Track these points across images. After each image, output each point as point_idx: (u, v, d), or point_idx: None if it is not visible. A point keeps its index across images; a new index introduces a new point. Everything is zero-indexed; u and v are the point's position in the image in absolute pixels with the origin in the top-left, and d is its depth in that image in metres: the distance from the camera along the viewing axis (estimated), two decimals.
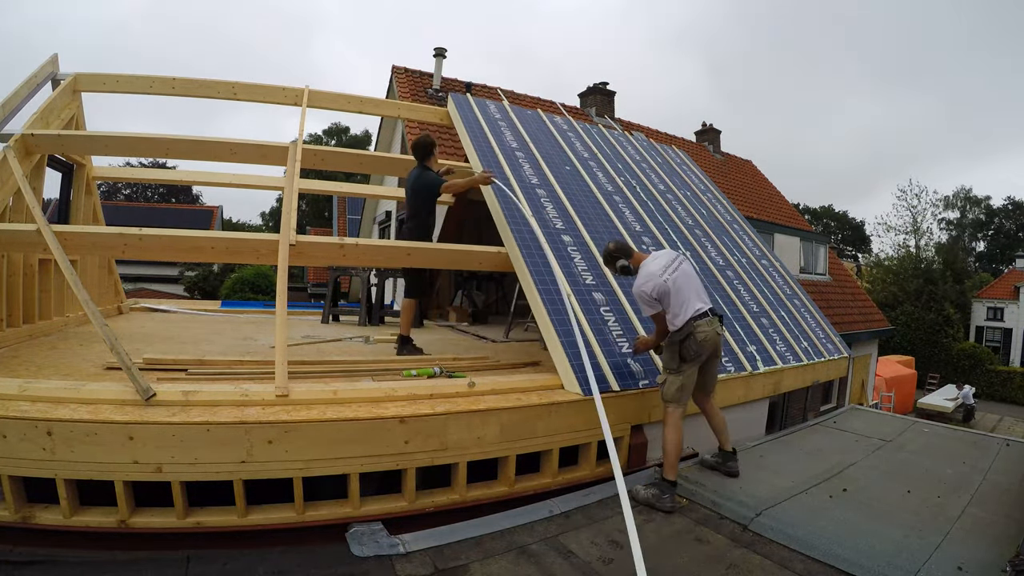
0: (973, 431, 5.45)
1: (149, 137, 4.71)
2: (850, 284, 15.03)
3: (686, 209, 6.79)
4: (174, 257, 4.00)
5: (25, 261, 4.39)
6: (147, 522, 2.46)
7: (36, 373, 3.25)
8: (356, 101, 6.04)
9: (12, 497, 2.36)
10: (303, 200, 32.16)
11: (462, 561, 2.42)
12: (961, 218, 44.79)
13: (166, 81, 5.31)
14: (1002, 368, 25.31)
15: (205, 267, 19.93)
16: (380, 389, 3.04)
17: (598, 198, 5.63)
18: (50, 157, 4.77)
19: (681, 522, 2.93)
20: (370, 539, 2.53)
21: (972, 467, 3.94)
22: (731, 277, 5.82)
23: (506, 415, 3.01)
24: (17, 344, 4.08)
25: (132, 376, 2.61)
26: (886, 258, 32.58)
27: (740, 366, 4.46)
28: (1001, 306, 29.75)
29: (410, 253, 4.08)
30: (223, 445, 2.44)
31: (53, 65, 4.95)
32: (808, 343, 5.68)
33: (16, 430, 2.31)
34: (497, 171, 5.09)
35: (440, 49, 10.16)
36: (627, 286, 4.53)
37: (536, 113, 7.09)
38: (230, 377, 3.41)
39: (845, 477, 3.59)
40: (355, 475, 2.65)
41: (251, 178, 6.68)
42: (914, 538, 2.74)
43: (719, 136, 16.65)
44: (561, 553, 2.53)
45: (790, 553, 2.62)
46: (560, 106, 11.07)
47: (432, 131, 8.38)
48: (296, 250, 3.55)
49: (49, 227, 3.25)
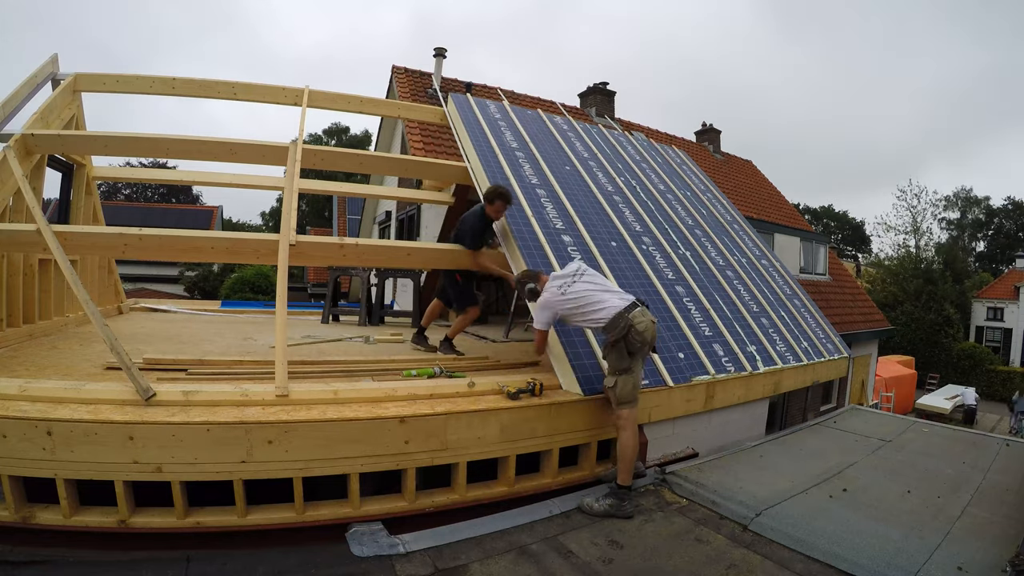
0: (973, 431, 5.45)
1: (149, 137, 4.71)
2: (850, 284, 15.02)
3: (686, 209, 6.79)
4: (174, 257, 4.00)
5: (25, 261, 4.39)
6: (147, 522, 2.46)
7: (36, 373, 3.25)
8: (356, 101, 6.04)
9: (12, 497, 2.36)
10: (303, 200, 32.15)
11: (462, 561, 2.42)
12: (961, 218, 44.82)
13: (166, 81, 5.31)
14: (1002, 368, 25.32)
15: (205, 267, 19.93)
16: (380, 389, 3.04)
17: (598, 198, 5.63)
18: (50, 157, 4.77)
19: (681, 522, 2.93)
20: (370, 539, 2.53)
21: (972, 467, 3.94)
22: (731, 277, 5.82)
23: (506, 415, 3.01)
24: (17, 344, 4.08)
25: (132, 376, 2.61)
26: (886, 258, 32.61)
27: (740, 366, 4.46)
28: (1001, 306, 29.74)
29: (410, 253, 4.09)
30: (223, 445, 2.44)
31: (53, 65, 4.95)
32: (808, 343, 5.68)
33: (16, 430, 2.31)
34: (497, 171, 5.09)
35: (440, 49, 10.14)
36: (627, 285, 4.54)
37: (536, 113, 7.09)
38: (230, 377, 3.41)
39: (845, 477, 3.59)
40: (355, 475, 2.65)
41: (251, 178, 6.68)
42: (914, 538, 2.74)
43: (719, 136, 16.64)
44: (561, 553, 2.53)
45: (790, 553, 2.62)
46: (560, 106, 11.07)
47: (432, 131, 8.40)
48: (296, 250, 3.55)
49: (49, 227, 3.25)
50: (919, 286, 26.69)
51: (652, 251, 5.29)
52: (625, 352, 3.15)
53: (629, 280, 4.62)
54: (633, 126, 13.31)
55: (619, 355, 3.17)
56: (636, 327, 3.10)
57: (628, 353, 3.15)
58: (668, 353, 4.08)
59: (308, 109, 5.45)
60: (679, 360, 4.09)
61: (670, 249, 5.49)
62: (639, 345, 3.14)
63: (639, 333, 3.10)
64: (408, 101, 8.36)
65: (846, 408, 6.05)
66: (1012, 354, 28.15)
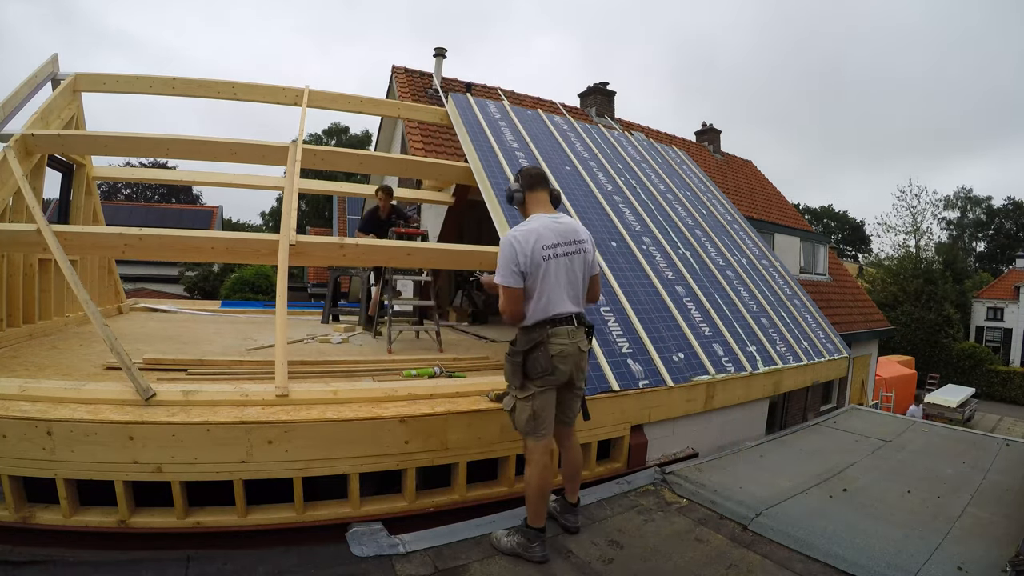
0: (973, 431, 5.44)
1: (149, 137, 4.71)
2: (850, 284, 15.02)
3: (686, 209, 6.79)
4: (174, 257, 4.00)
5: (25, 261, 4.39)
6: (147, 522, 2.46)
7: (36, 373, 3.25)
8: (356, 101, 6.04)
9: (12, 497, 2.36)
10: (303, 200, 32.15)
11: (462, 561, 2.42)
12: (961, 218, 44.85)
13: (166, 81, 5.31)
14: (1002, 368, 25.32)
15: (205, 267, 19.94)
16: (380, 389, 3.04)
17: (598, 198, 5.63)
18: (50, 157, 4.77)
19: (681, 522, 2.93)
20: (370, 539, 2.53)
21: (972, 467, 3.94)
22: (731, 277, 5.82)
23: (506, 415, 3.00)
24: (17, 344, 4.08)
25: (132, 376, 2.61)
26: (886, 258, 32.62)
27: (740, 366, 4.46)
28: (1001, 306, 29.75)
29: (410, 253, 4.09)
30: (223, 445, 2.44)
31: (53, 65, 4.95)
32: (808, 343, 5.68)
33: (16, 430, 2.31)
34: (497, 171, 5.10)
35: (440, 49, 10.14)
36: (627, 285, 4.54)
37: (536, 113, 7.09)
38: (230, 377, 3.42)
39: (845, 477, 3.59)
40: (355, 475, 2.65)
41: (251, 178, 6.69)
42: (914, 538, 2.74)
43: (719, 136, 16.65)
44: (561, 553, 2.53)
45: (790, 553, 2.62)
46: (560, 106, 11.08)
47: (432, 131, 8.40)
48: (296, 250, 3.55)
49: (49, 227, 3.25)
50: (919, 286, 26.69)
51: (652, 251, 5.29)
52: (520, 369, 2.43)
53: (629, 280, 4.62)
54: (633, 126, 13.32)
55: (513, 369, 2.47)
56: (548, 346, 2.40)
57: (524, 374, 2.44)
58: (668, 353, 4.08)
59: (308, 109, 5.45)
60: (679, 360, 4.09)
61: (670, 249, 5.49)
62: (540, 372, 2.39)
63: (547, 358, 2.39)
64: (408, 101, 8.36)
65: (846, 408, 6.04)
66: (1012, 354, 28.16)
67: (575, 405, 2.65)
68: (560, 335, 2.43)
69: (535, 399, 2.43)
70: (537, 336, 2.42)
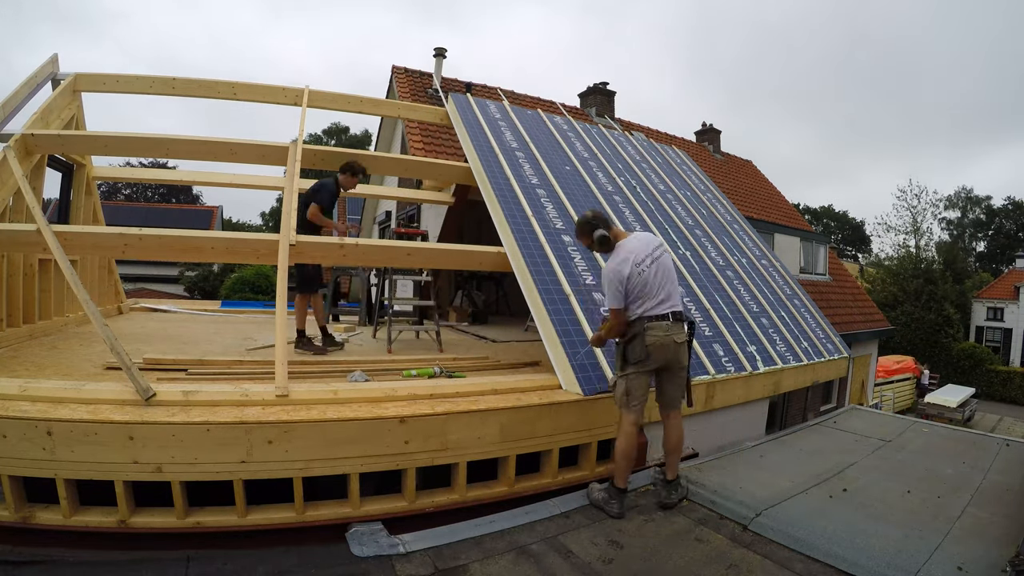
0: (973, 431, 5.44)
1: (149, 137, 4.72)
2: (850, 284, 15.01)
3: (686, 209, 6.79)
4: (174, 257, 4.01)
5: (25, 261, 4.39)
6: (147, 522, 2.46)
7: (36, 373, 3.25)
8: (356, 101, 6.04)
9: (12, 497, 2.36)
10: None
11: (462, 561, 2.42)
12: (961, 218, 44.84)
13: (166, 81, 5.31)
14: (1002, 368, 25.28)
15: (205, 267, 19.91)
16: (380, 389, 3.04)
17: (598, 198, 5.63)
18: (50, 157, 4.78)
19: (681, 522, 2.93)
20: (370, 539, 2.53)
21: (972, 467, 3.94)
22: (731, 277, 5.82)
23: (506, 415, 3.01)
24: (17, 344, 4.08)
25: (132, 376, 2.61)
26: (886, 258, 32.62)
27: (740, 366, 4.46)
28: (1001, 306, 29.72)
29: (410, 253, 4.09)
30: (223, 445, 2.44)
31: (53, 65, 4.95)
32: (808, 343, 5.68)
33: (16, 430, 2.31)
34: (497, 171, 5.10)
35: (440, 49, 10.14)
36: None
37: (536, 113, 7.09)
38: (230, 377, 3.42)
39: (845, 477, 3.59)
40: (355, 475, 2.65)
41: (251, 178, 6.69)
42: (914, 538, 2.73)
43: (719, 136, 16.65)
44: (561, 553, 2.53)
45: (790, 553, 2.62)
46: (560, 106, 11.07)
47: (432, 131, 8.40)
48: (296, 250, 3.55)
49: (49, 227, 3.25)
50: (919, 286, 26.69)
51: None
52: (621, 355, 3.05)
53: None
54: (633, 126, 13.32)
55: (617, 354, 3.10)
56: (644, 337, 2.93)
57: (624, 358, 3.03)
58: None
59: (308, 109, 5.45)
60: None
61: (670, 249, 5.49)
62: (637, 357, 2.96)
63: (643, 347, 2.94)
64: (408, 101, 8.36)
65: (846, 408, 6.05)
66: (1012, 354, 28.14)
67: (673, 391, 3.12)
68: (655, 329, 2.94)
69: (629, 379, 2.98)
70: (636, 329, 2.97)
